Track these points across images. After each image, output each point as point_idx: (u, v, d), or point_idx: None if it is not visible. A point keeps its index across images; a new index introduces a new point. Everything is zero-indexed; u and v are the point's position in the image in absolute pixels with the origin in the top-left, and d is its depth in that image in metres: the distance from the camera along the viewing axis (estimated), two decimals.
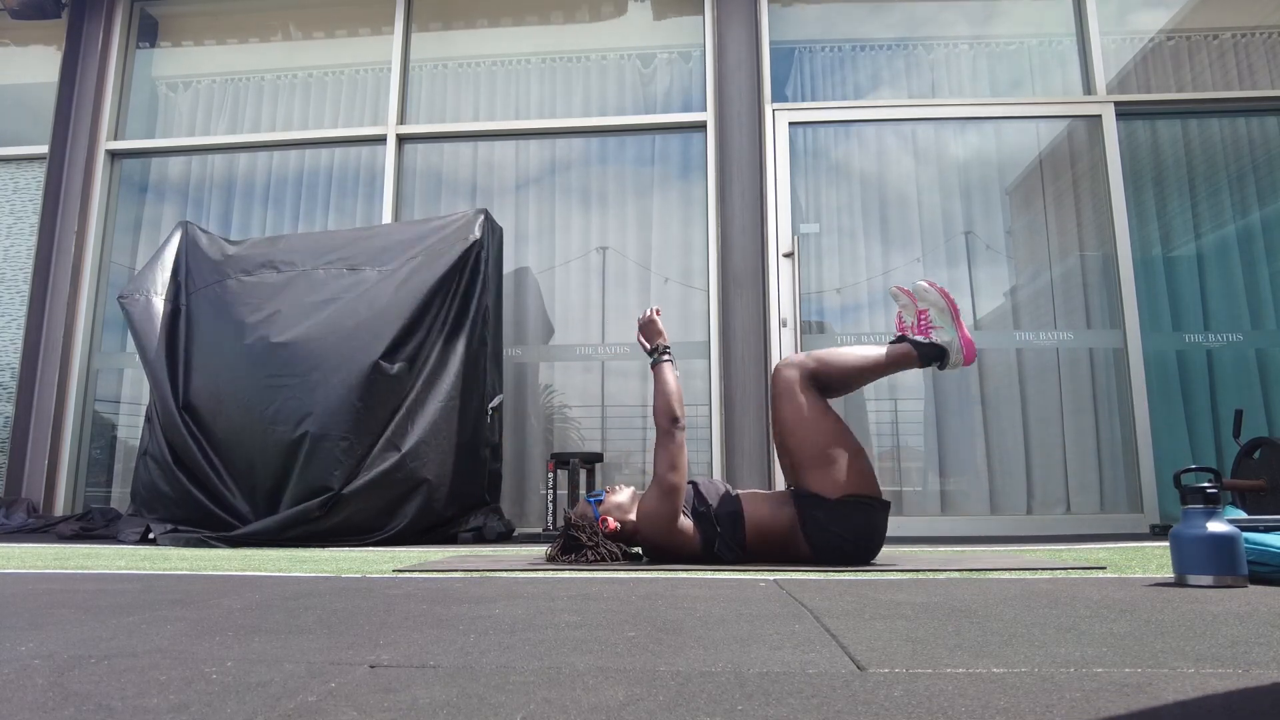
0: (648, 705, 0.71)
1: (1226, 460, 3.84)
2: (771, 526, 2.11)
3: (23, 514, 4.17)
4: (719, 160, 4.29)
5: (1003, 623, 1.13)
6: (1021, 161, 4.32)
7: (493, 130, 4.60)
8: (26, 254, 4.75)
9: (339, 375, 3.27)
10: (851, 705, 0.70)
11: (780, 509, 2.12)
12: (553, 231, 4.48)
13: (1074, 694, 0.73)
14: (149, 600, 1.43)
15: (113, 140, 4.80)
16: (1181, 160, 4.28)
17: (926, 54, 4.51)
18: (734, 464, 3.97)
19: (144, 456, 3.59)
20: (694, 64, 4.57)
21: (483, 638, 1.05)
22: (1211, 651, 0.92)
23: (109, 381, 4.59)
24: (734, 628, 1.11)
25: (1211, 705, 0.69)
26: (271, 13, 5.01)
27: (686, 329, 4.25)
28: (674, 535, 2.08)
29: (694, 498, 2.14)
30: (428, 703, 0.72)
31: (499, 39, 4.78)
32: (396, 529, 3.23)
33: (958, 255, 4.22)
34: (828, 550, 2.07)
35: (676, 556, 2.10)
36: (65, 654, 0.94)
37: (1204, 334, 4.05)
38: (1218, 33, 4.42)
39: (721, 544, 2.09)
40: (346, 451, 3.20)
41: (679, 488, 2.07)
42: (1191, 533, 1.55)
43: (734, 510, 2.11)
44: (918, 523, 3.91)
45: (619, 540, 2.16)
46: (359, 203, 4.62)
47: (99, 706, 0.71)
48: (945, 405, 4.07)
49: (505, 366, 4.12)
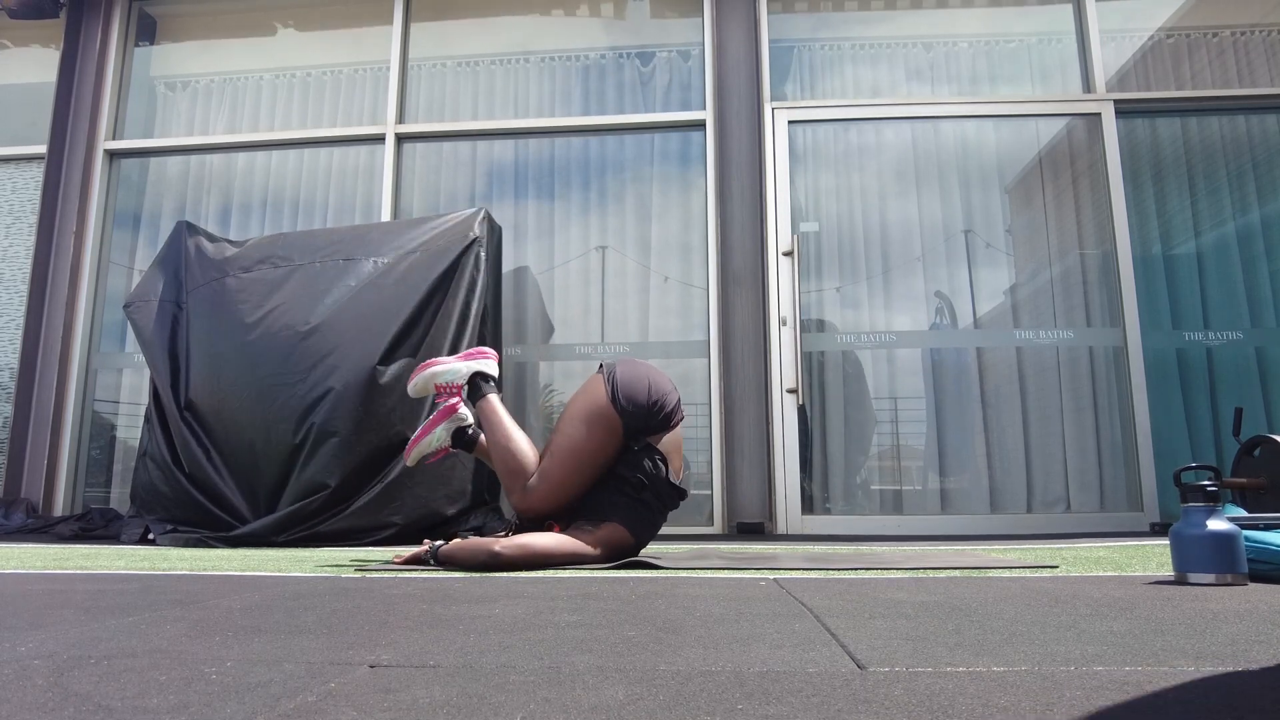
0: (648, 705, 0.71)
1: (1226, 458, 3.84)
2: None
3: (22, 514, 4.17)
4: (718, 159, 4.29)
5: (1003, 621, 1.13)
6: (1021, 159, 4.32)
7: (492, 129, 4.60)
8: (25, 254, 4.74)
9: (340, 374, 3.27)
10: (852, 704, 0.70)
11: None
12: (552, 230, 4.48)
13: (1074, 692, 0.73)
14: (149, 600, 1.43)
15: (111, 140, 4.79)
16: (1181, 158, 4.28)
17: (926, 52, 4.51)
18: (734, 463, 3.97)
19: (143, 457, 3.59)
20: (693, 62, 4.57)
21: (483, 637, 1.04)
22: (1212, 649, 0.92)
23: (108, 382, 4.58)
24: (734, 627, 1.11)
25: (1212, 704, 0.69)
26: (270, 12, 5.00)
27: (686, 328, 4.25)
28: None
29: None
30: (428, 703, 0.72)
31: (498, 38, 4.77)
32: (396, 528, 3.23)
33: (957, 253, 4.22)
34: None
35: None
36: (65, 654, 0.94)
37: (1204, 332, 4.05)
38: (1217, 31, 4.42)
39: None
40: (347, 450, 3.20)
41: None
42: (1191, 531, 1.55)
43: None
44: (918, 521, 3.91)
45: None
46: (358, 202, 4.61)
47: (99, 706, 0.71)
48: (945, 404, 4.07)
49: (505, 366, 4.12)
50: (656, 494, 2.09)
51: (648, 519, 2.12)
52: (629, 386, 2.07)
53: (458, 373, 2.31)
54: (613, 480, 2.10)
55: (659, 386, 2.11)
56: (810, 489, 4.00)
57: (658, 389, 2.10)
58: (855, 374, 4.14)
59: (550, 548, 1.96)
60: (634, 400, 2.06)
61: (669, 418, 2.11)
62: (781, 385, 4.01)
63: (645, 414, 2.07)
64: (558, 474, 2.07)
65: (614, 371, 2.12)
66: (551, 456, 2.09)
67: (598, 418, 2.06)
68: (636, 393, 2.07)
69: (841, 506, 4.02)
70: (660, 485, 2.09)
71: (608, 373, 2.12)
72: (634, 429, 2.07)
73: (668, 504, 2.14)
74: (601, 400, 2.07)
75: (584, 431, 2.06)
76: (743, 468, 3.96)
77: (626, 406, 2.05)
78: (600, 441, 2.06)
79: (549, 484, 2.08)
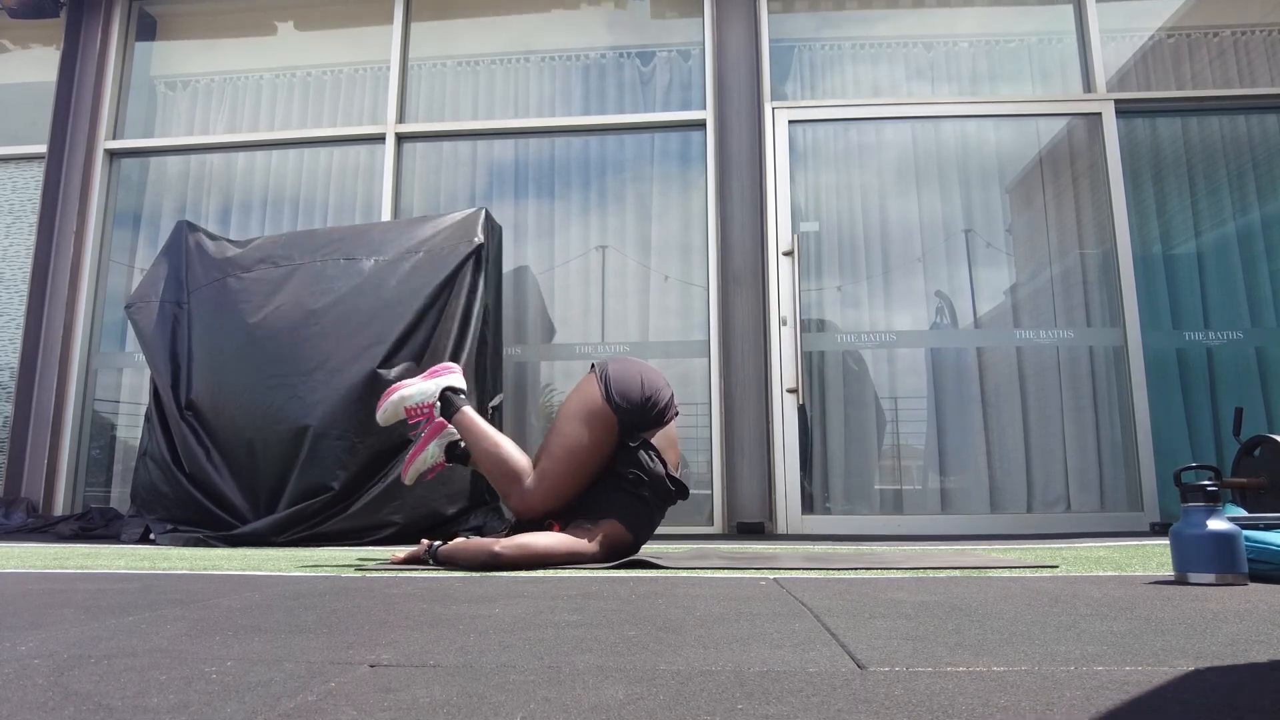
0: (648, 704, 0.71)
1: (1226, 458, 3.84)
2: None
3: (22, 514, 4.17)
4: (719, 158, 4.29)
5: (1003, 621, 1.13)
6: (1021, 159, 4.32)
7: (492, 129, 4.60)
8: (25, 253, 4.75)
9: (341, 375, 3.28)
10: (852, 704, 0.70)
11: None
12: (552, 230, 4.48)
13: (1074, 692, 0.73)
14: (149, 600, 1.43)
15: (111, 139, 4.79)
16: (1181, 158, 4.28)
17: (926, 51, 4.51)
18: (734, 463, 3.97)
19: (143, 457, 3.59)
20: (693, 62, 4.57)
21: (483, 637, 1.04)
22: (1212, 649, 0.92)
23: (108, 381, 4.58)
24: (734, 626, 1.11)
25: (1212, 704, 0.69)
26: (270, 11, 5.00)
27: (686, 328, 4.25)
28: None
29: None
30: (428, 702, 0.72)
31: (498, 37, 4.77)
32: (396, 528, 3.23)
33: (958, 253, 4.22)
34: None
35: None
36: (65, 653, 0.94)
37: (1204, 332, 4.05)
38: (1217, 30, 4.42)
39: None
40: (348, 451, 3.20)
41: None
42: (1192, 531, 1.55)
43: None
44: (918, 521, 3.91)
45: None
46: (358, 202, 4.61)
47: (99, 706, 0.71)
48: (945, 403, 4.07)
49: (505, 365, 4.12)
50: (654, 490, 2.11)
51: (645, 516, 2.14)
52: (622, 383, 2.10)
53: (426, 392, 2.29)
54: (610, 478, 2.12)
55: (651, 383, 2.13)
56: (810, 489, 4.00)
57: (650, 385, 2.12)
58: (855, 374, 4.14)
59: (550, 547, 1.97)
60: (628, 397, 2.08)
61: (663, 413, 2.13)
62: (781, 385, 4.01)
63: (639, 410, 2.09)
64: (556, 473, 2.09)
65: (606, 369, 2.14)
66: (549, 456, 2.10)
67: (593, 416, 2.08)
68: (630, 389, 2.09)
69: (841, 506, 4.02)
70: (657, 481, 2.10)
71: (601, 371, 2.14)
72: (629, 425, 2.09)
73: (666, 500, 2.16)
74: (596, 398, 2.09)
75: (580, 430, 2.08)
76: (743, 467, 3.96)
77: (621, 403, 2.08)
78: (596, 439, 2.08)
79: (547, 484, 2.09)
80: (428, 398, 2.29)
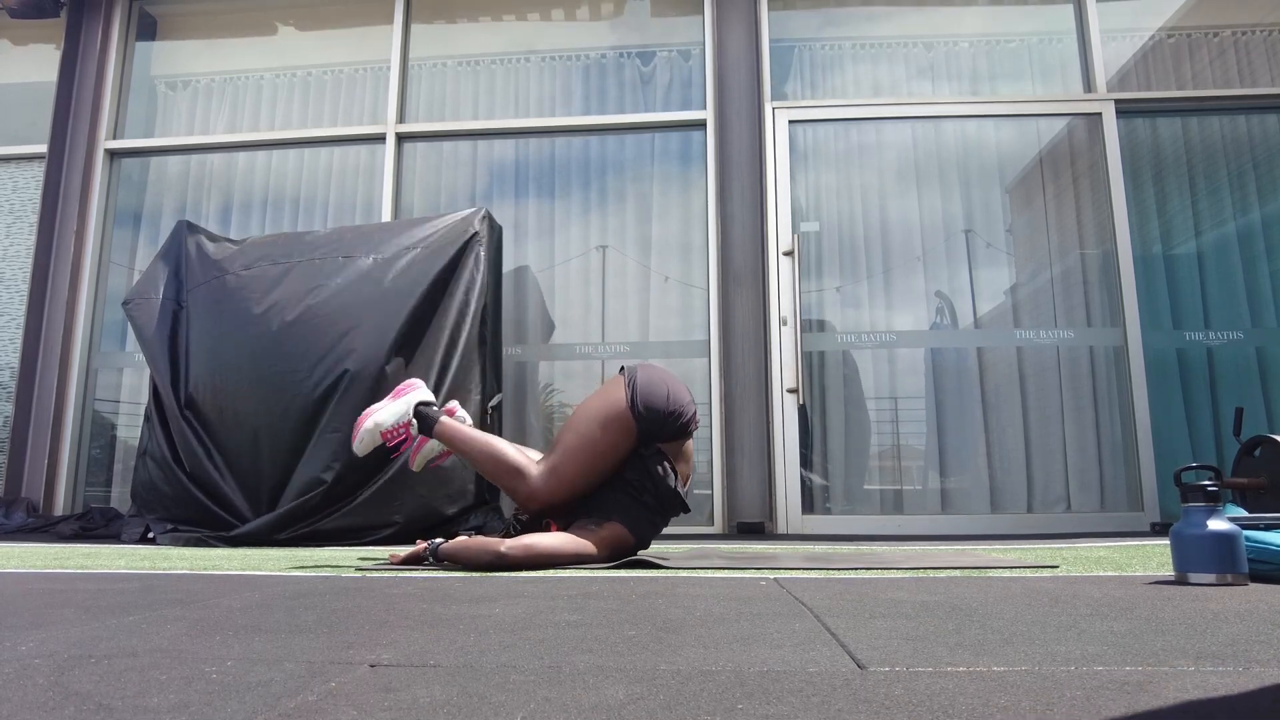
0: (648, 704, 0.71)
1: (1227, 458, 3.84)
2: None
3: (22, 514, 4.17)
4: (719, 158, 4.29)
5: (1003, 621, 1.13)
6: (1022, 159, 4.32)
7: (492, 129, 4.60)
8: (25, 253, 4.75)
9: (342, 370, 3.28)
10: (852, 704, 0.70)
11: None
12: (552, 230, 4.48)
13: (1074, 692, 0.73)
14: (149, 600, 1.43)
15: (111, 139, 4.79)
16: (1182, 158, 4.28)
17: (926, 51, 4.51)
18: (734, 463, 3.97)
19: (143, 456, 3.59)
20: (694, 62, 4.57)
21: (483, 637, 1.04)
22: (1212, 649, 0.92)
23: (108, 381, 4.58)
24: (734, 626, 1.11)
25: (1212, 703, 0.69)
26: (270, 11, 5.00)
27: (686, 327, 4.25)
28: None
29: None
30: (428, 702, 0.72)
31: (498, 37, 4.77)
32: (397, 527, 3.23)
33: (958, 253, 4.21)
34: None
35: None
36: (65, 653, 0.94)
37: (1204, 332, 4.05)
38: (1218, 30, 4.41)
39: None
40: (347, 447, 3.20)
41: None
42: (1192, 531, 1.55)
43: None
44: (918, 521, 3.91)
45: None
46: (358, 201, 4.61)
47: (99, 706, 0.71)
48: (945, 403, 4.07)
49: (505, 365, 4.12)
50: (656, 497, 2.12)
51: (648, 520, 2.15)
52: (648, 393, 2.11)
53: (399, 413, 2.25)
54: (617, 481, 2.13)
55: (677, 396, 2.15)
56: (810, 488, 4.00)
57: (676, 399, 2.14)
58: (855, 374, 4.14)
59: (555, 547, 1.98)
60: (652, 407, 2.10)
61: (684, 427, 2.15)
62: (782, 385, 4.01)
63: (661, 421, 2.10)
64: (568, 469, 2.10)
65: (635, 376, 2.15)
66: (565, 451, 2.11)
67: (614, 420, 2.09)
68: (655, 399, 2.10)
69: (842, 506, 4.02)
70: (663, 490, 2.11)
71: (629, 377, 2.16)
72: (648, 434, 2.11)
73: (667, 509, 2.17)
74: (620, 403, 2.10)
75: (599, 431, 2.09)
76: (743, 467, 3.96)
77: (644, 412, 2.09)
78: (614, 442, 2.09)
79: (558, 478, 2.10)
80: (402, 418, 2.25)
